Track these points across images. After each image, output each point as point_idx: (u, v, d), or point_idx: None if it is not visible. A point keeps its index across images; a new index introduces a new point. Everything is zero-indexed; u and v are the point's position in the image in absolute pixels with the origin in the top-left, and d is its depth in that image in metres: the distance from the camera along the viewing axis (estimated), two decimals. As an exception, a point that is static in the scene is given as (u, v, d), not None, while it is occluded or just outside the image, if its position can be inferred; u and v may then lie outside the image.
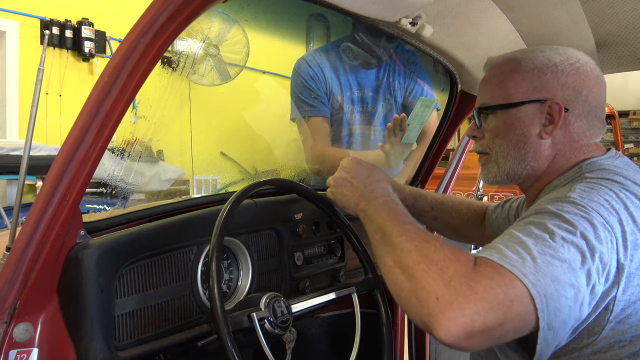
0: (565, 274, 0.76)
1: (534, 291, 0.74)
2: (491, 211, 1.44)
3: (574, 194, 0.88)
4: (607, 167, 0.98)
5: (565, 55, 1.04)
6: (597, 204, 0.85)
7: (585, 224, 0.81)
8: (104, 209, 1.30)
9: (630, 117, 8.53)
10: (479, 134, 1.14)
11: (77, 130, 0.82)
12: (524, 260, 0.76)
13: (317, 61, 2.01)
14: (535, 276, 0.74)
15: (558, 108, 1.01)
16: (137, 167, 1.48)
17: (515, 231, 0.82)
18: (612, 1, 1.22)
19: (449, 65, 1.62)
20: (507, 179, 1.10)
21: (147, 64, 0.84)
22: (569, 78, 1.03)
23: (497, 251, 0.78)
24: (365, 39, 1.91)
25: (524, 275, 0.74)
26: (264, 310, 1.03)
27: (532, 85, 1.04)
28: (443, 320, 0.72)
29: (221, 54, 3.63)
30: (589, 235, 0.80)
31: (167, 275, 1.03)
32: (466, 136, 1.93)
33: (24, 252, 0.81)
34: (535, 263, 0.76)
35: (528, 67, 1.05)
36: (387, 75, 2.06)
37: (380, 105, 2.08)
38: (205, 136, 4.76)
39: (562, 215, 0.83)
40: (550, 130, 1.03)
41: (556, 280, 0.75)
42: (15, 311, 0.81)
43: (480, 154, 1.15)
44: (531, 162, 1.06)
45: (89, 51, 4.56)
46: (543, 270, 0.75)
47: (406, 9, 1.25)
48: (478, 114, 1.13)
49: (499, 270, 0.75)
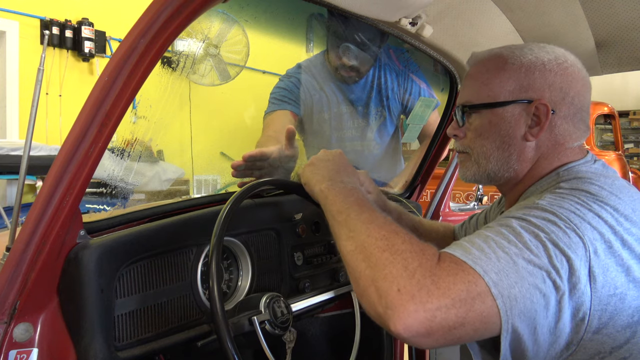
0: (530, 276, 0.74)
1: (495, 290, 0.71)
2: (458, 230, 1.42)
3: (543, 202, 0.85)
4: (583, 174, 0.94)
5: (554, 55, 1.00)
6: (568, 210, 0.82)
7: (553, 228, 0.79)
8: (104, 209, 1.30)
9: (630, 117, 8.53)
10: (461, 133, 1.08)
11: (77, 131, 0.82)
12: (488, 259, 0.73)
13: (304, 71, 1.97)
14: (498, 275, 0.72)
15: (545, 109, 0.97)
16: (137, 167, 1.48)
17: (483, 230, 0.81)
18: (612, 1, 1.22)
19: (449, 65, 1.62)
20: (486, 180, 1.06)
21: (147, 64, 0.84)
22: (557, 78, 0.99)
23: (461, 247, 0.76)
24: (350, 53, 1.84)
25: (485, 273, 0.72)
26: (264, 311, 1.03)
27: (519, 84, 0.99)
28: (403, 313, 0.69)
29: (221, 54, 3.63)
30: (557, 240, 0.77)
31: (167, 275, 1.03)
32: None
33: (23, 252, 0.81)
34: (499, 262, 0.73)
35: (515, 65, 1.00)
36: (378, 84, 2.00)
37: (371, 117, 2.03)
38: (205, 136, 4.76)
39: (530, 220, 0.80)
40: (536, 132, 0.99)
41: (520, 282, 0.73)
42: (15, 311, 0.81)
43: (460, 153, 1.10)
44: (514, 165, 1.02)
45: (89, 51, 4.57)
46: (506, 270, 0.73)
47: (406, 9, 1.25)
48: (461, 112, 1.06)
49: (462, 267, 0.73)
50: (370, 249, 0.78)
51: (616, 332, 0.83)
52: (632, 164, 8.00)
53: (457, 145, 1.10)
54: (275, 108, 1.90)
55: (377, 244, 0.79)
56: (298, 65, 2.00)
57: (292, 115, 1.89)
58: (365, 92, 2.00)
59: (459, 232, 1.41)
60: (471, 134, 1.05)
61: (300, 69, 1.98)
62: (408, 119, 1.82)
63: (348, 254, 0.83)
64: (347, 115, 2.01)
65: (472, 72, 1.07)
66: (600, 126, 7.16)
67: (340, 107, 2.00)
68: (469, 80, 1.07)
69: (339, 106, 2.00)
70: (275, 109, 1.90)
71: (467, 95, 1.06)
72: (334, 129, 2.02)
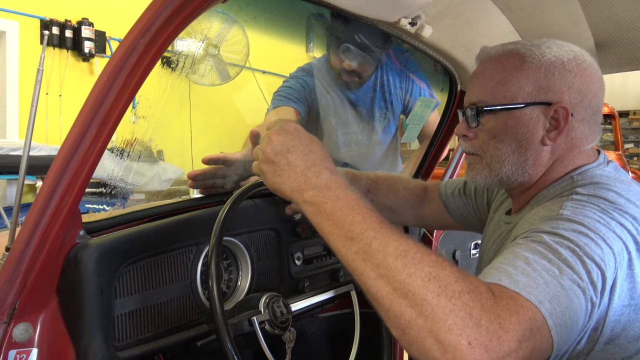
0: (577, 298, 0.70)
1: (551, 321, 0.67)
2: (445, 190, 1.38)
3: (566, 211, 0.81)
4: (598, 179, 0.91)
5: (573, 54, 0.95)
6: (593, 220, 0.79)
7: (586, 240, 0.75)
8: (103, 209, 1.30)
9: (630, 117, 8.53)
10: (471, 133, 1.01)
11: (76, 130, 0.82)
12: (537, 285, 0.68)
13: (312, 74, 1.96)
14: (551, 304, 0.67)
15: (565, 113, 0.92)
16: (137, 167, 1.48)
17: (517, 249, 0.75)
18: (612, 2, 1.22)
19: (449, 65, 1.62)
20: (498, 184, 1.01)
21: (147, 64, 0.84)
22: (576, 80, 0.93)
23: (506, 274, 0.70)
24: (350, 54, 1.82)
25: (540, 304, 0.67)
26: (263, 311, 1.03)
27: (538, 85, 0.94)
28: None
29: (221, 54, 3.63)
30: (592, 253, 0.74)
31: (167, 275, 1.03)
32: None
33: (23, 252, 0.81)
34: (548, 287, 0.69)
35: (534, 64, 0.94)
36: (381, 86, 2.00)
37: (377, 119, 2.02)
38: (205, 136, 4.76)
39: (562, 234, 0.76)
40: (554, 137, 0.94)
41: (570, 306, 0.69)
42: (14, 311, 0.81)
43: (469, 154, 1.04)
44: (529, 170, 0.97)
45: (89, 51, 4.56)
46: (557, 297, 0.68)
47: (405, 10, 1.25)
48: (476, 113, 0.99)
49: (519, 301, 0.66)
50: (419, 294, 0.65)
51: (628, 342, 0.81)
52: (632, 164, 8.00)
53: (467, 147, 1.03)
54: (278, 104, 1.88)
55: (426, 286, 0.65)
56: (302, 68, 1.99)
57: (295, 113, 1.87)
58: (368, 95, 2.00)
59: (446, 196, 1.37)
60: (484, 135, 0.99)
61: (305, 72, 1.97)
62: (408, 119, 1.82)
63: (382, 297, 0.68)
64: (353, 119, 2.00)
65: (485, 69, 1.00)
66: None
67: (347, 111, 1.99)
68: (481, 77, 1.00)
69: (345, 110, 1.98)
70: (279, 104, 1.87)
71: (480, 95, 0.99)
72: (341, 134, 2.02)
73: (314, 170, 0.83)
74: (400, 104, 2.04)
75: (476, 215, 1.35)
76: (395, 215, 1.40)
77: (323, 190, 0.80)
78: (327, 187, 0.80)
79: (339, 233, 0.75)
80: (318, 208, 0.79)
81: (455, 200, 1.37)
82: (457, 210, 1.38)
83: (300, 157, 0.84)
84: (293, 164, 0.84)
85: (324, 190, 0.80)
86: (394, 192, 1.39)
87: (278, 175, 0.85)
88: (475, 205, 1.34)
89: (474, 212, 1.35)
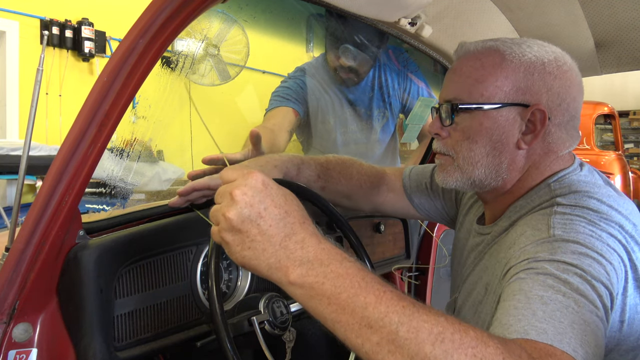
0: (597, 329, 0.67)
1: None
2: (409, 183, 1.32)
3: (557, 231, 0.78)
4: (577, 186, 0.88)
5: (554, 55, 0.92)
6: (585, 235, 0.76)
7: (588, 261, 0.73)
8: (103, 209, 1.30)
9: (630, 117, 8.53)
10: (444, 132, 0.97)
11: (76, 130, 0.82)
12: (565, 330, 0.64)
13: (309, 74, 1.95)
14: (583, 347, 0.63)
15: (542, 116, 0.89)
16: (137, 167, 1.48)
17: (525, 287, 0.70)
18: (611, 1, 1.22)
19: (448, 65, 1.62)
20: (469, 187, 0.97)
21: (146, 65, 0.84)
22: (556, 82, 0.90)
23: (530, 325, 0.65)
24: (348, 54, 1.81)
25: (575, 352, 0.62)
26: (263, 312, 1.03)
27: (516, 85, 0.90)
28: None
29: (221, 54, 3.63)
30: (599, 275, 0.72)
31: (167, 275, 1.03)
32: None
33: (23, 253, 0.81)
34: (573, 329, 0.64)
35: (514, 62, 0.91)
36: (379, 84, 1.99)
37: (375, 118, 2.01)
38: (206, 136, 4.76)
39: (564, 260, 0.73)
40: (530, 140, 0.91)
41: (595, 341, 0.66)
42: (14, 311, 0.81)
43: (440, 154, 0.99)
44: (503, 174, 0.94)
45: (89, 51, 4.56)
46: (586, 337, 0.65)
47: (405, 10, 1.25)
48: (450, 110, 0.94)
49: (557, 355, 0.61)
50: None
51: (619, 356, 0.80)
52: (632, 164, 8.00)
53: (438, 146, 0.99)
54: (277, 104, 1.87)
55: None
56: (300, 68, 1.98)
57: (294, 113, 1.85)
58: (367, 94, 2.00)
59: (409, 182, 1.32)
60: (457, 135, 0.95)
61: (303, 72, 1.96)
62: (408, 119, 1.82)
63: None
64: (352, 118, 2.00)
65: (463, 65, 0.95)
66: (600, 126, 7.15)
67: (345, 111, 1.98)
68: (458, 74, 0.96)
69: (344, 110, 1.98)
70: (277, 105, 1.86)
71: (456, 92, 0.95)
72: (340, 133, 2.01)
73: (296, 239, 0.66)
74: (398, 103, 2.04)
75: (444, 211, 1.31)
76: (351, 202, 1.32)
77: (314, 266, 0.64)
78: (319, 262, 0.64)
79: (349, 320, 0.61)
80: (313, 291, 0.63)
81: (422, 195, 1.31)
82: (423, 207, 1.32)
83: (275, 223, 0.66)
84: (267, 233, 0.66)
85: (314, 266, 0.64)
86: (346, 177, 1.29)
87: (248, 248, 0.66)
88: (443, 203, 1.30)
89: (442, 209, 1.31)
